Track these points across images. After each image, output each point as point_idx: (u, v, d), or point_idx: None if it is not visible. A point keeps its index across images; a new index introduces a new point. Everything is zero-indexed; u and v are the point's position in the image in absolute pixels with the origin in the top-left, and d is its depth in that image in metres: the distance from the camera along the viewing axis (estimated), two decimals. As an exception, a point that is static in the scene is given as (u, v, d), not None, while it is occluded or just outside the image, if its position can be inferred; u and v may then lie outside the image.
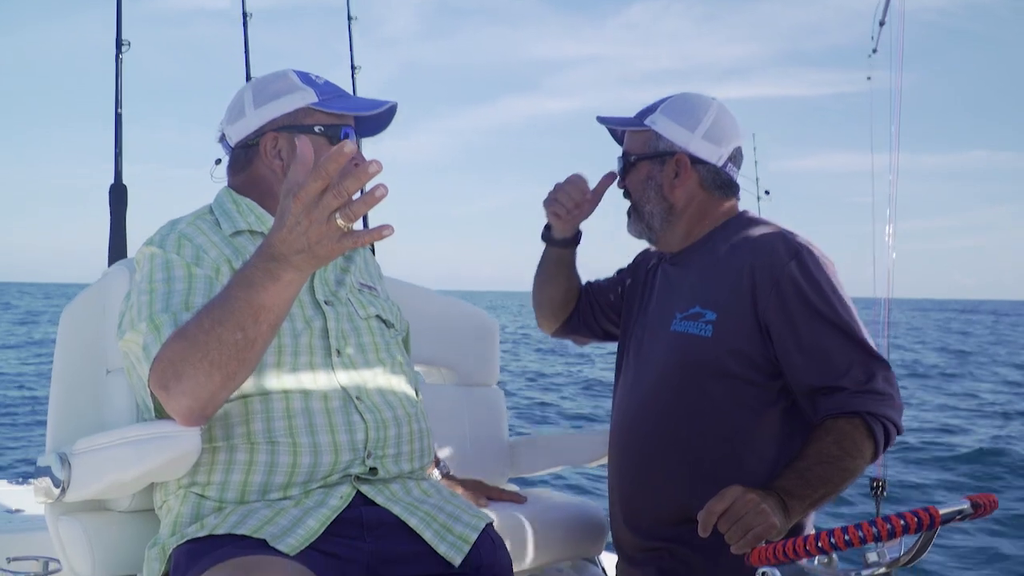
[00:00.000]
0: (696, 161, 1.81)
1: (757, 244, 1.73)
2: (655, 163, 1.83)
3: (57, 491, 1.37)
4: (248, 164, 1.57)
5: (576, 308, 2.11)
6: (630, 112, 1.91)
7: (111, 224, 1.98)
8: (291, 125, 1.53)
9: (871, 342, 1.67)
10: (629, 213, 1.90)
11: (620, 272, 2.12)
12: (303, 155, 1.07)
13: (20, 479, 3.05)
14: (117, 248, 1.97)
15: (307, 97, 1.54)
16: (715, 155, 1.82)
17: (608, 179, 1.92)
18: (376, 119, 1.63)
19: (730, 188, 1.86)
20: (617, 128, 1.93)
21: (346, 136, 1.55)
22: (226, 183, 1.60)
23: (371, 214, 2.02)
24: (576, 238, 2.01)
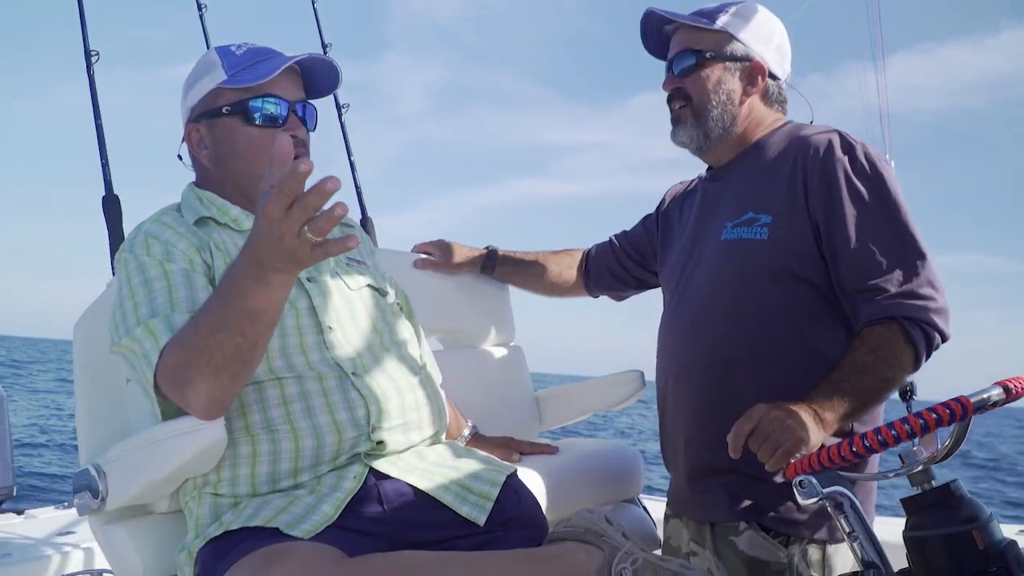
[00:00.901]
0: (768, 73, 1.76)
1: (810, 141, 1.67)
2: (730, 67, 1.75)
3: (97, 501, 1.39)
4: (194, 159, 1.56)
5: (586, 271, 2.17)
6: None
7: (108, 235, 1.97)
8: (205, 112, 1.50)
9: (919, 240, 1.59)
10: (681, 118, 1.79)
11: (645, 218, 2.10)
12: (281, 154, 1.05)
13: (65, 504, 3.11)
14: (117, 258, 1.96)
15: (216, 77, 1.48)
16: (783, 69, 1.79)
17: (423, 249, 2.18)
18: (321, 77, 1.54)
19: (784, 103, 1.82)
20: (677, 22, 1.79)
21: (263, 108, 1.46)
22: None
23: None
24: (490, 263, 2.19)
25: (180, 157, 1.61)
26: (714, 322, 1.72)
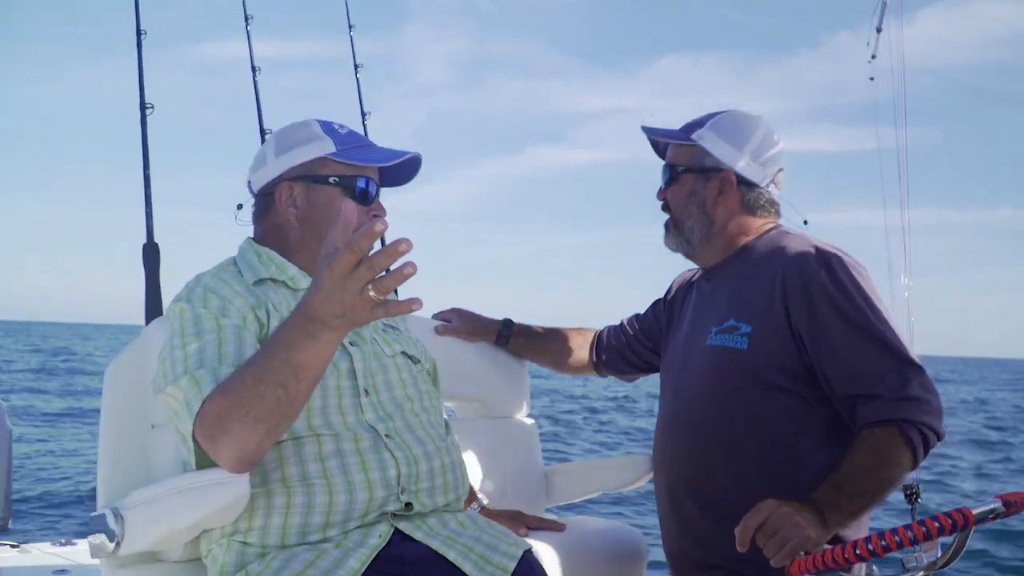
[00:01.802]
0: (741, 181, 1.84)
1: (788, 254, 1.74)
2: (700, 178, 1.85)
3: (112, 545, 1.40)
4: (267, 212, 1.62)
5: (597, 352, 2.22)
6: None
7: (146, 283, 2.04)
8: (307, 175, 1.58)
9: (906, 347, 1.66)
10: (667, 226, 1.92)
11: (655, 303, 2.17)
12: (347, 219, 1.08)
13: (63, 540, 3.12)
14: (153, 306, 2.02)
15: (325, 147, 1.58)
16: (760, 176, 1.85)
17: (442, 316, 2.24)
18: (400, 170, 1.66)
19: (771, 208, 1.89)
20: (661, 139, 1.94)
21: (364, 187, 1.59)
22: (251, 231, 1.65)
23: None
24: (506, 332, 2.23)
25: (240, 206, 1.68)
26: (698, 424, 1.79)
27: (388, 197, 1.68)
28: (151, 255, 2.06)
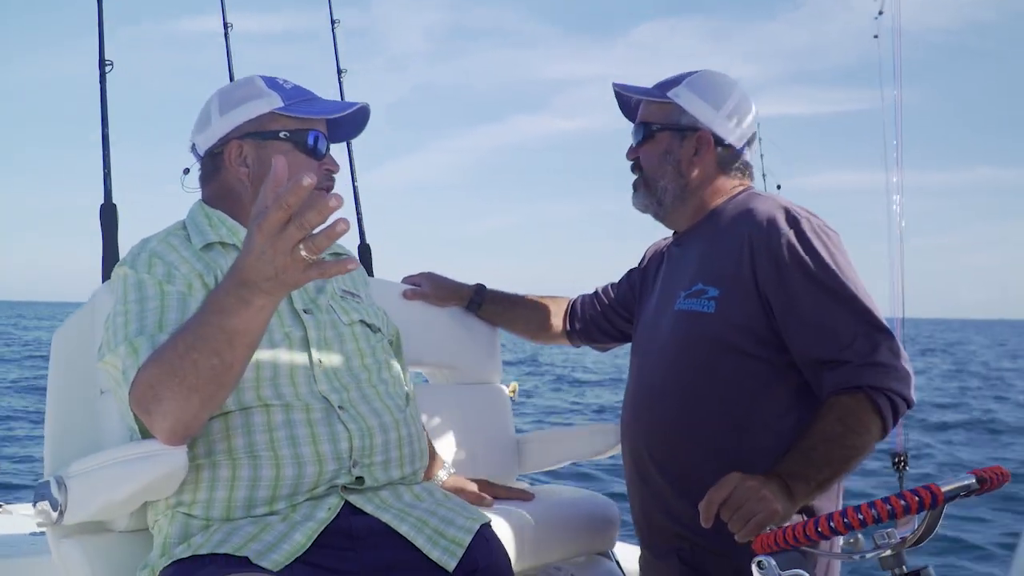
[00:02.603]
0: (718, 141, 1.78)
1: (756, 216, 1.69)
2: (675, 137, 1.80)
3: (55, 514, 1.37)
4: (216, 173, 1.55)
5: (571, 321, 2.17)
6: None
7: (103, 245, 1.97)
8: (256, 132, 1.51)
9: (876, 312, 1.61)
10: (636, 186, 1.86)
11: (629, 272, 2.12)
12: (277, 174, 1.02)
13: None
14: (110, 268, 1.96)
15: (272, 102, 1.51)
16: (737, 137, 1.80)
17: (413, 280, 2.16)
18: (349, 123, 1.59)
19: (745, 171, 1.84)
20: (634, 96, 1.88)
21: (315, 142, 1.52)
22: (200, 194, 1.59)
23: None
24: (478, 299, 2.17)
25: (187, 171, 1.61)
26: (665, 389, 1.75)
27: (372, 171, 1.62)
28: (109, 216, 1.99)
